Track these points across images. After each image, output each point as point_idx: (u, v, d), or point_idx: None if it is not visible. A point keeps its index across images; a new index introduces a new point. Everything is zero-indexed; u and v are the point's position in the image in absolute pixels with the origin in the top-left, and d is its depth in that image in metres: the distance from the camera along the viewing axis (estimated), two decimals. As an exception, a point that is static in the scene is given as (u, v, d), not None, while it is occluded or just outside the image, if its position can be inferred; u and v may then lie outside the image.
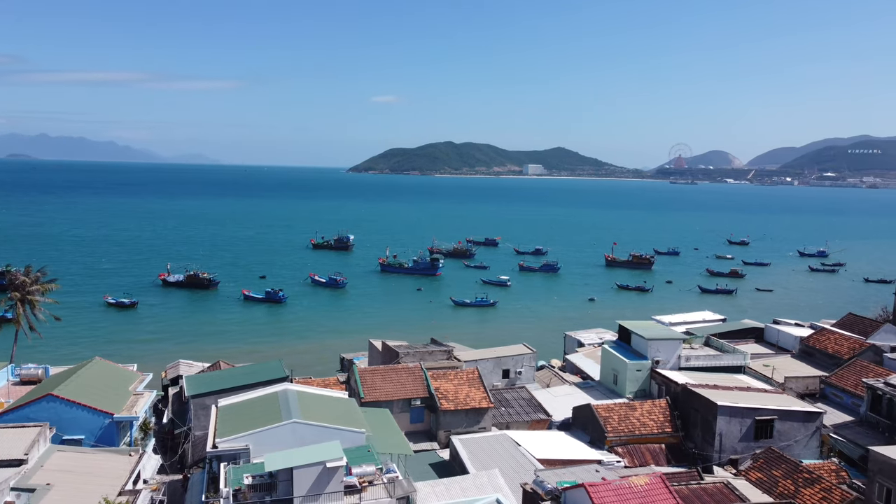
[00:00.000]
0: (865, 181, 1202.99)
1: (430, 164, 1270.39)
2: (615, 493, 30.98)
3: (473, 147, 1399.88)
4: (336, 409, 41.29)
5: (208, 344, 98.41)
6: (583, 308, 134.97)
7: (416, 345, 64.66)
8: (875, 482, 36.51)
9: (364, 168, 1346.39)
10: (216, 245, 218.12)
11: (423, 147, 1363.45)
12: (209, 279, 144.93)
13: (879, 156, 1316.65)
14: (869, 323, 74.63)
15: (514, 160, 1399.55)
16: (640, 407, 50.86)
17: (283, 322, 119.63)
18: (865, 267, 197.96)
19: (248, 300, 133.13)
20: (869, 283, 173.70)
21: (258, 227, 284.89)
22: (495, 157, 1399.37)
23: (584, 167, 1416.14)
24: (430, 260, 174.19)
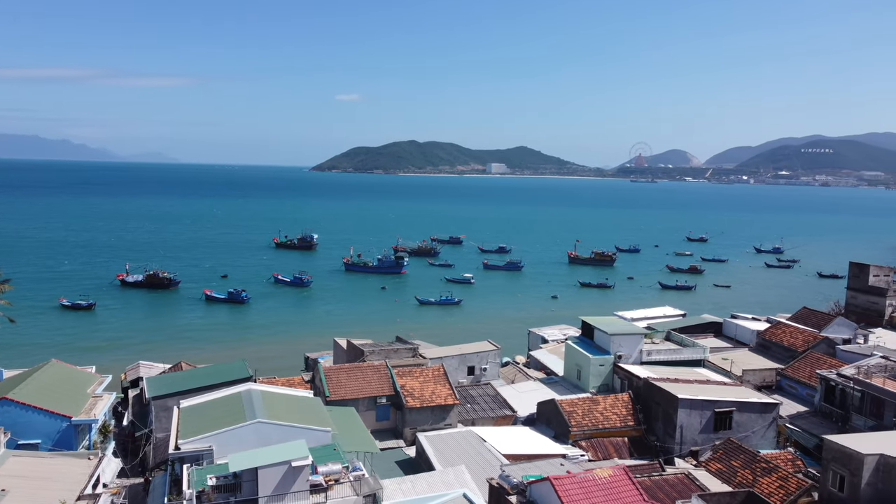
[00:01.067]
0: (818, 179, 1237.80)
1: (393, 163, 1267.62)
2: (579, 485, 31.39)
3: (437, 146, 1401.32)
4: (301, 409, 41.02)
5: (169, 345, 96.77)
6: (546, 305, 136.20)
7: (381, 343, 64.54)
8: (829, 470, 37.59)
9: (327, 167, 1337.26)
10: (176, 245, 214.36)
11: (386, 146, 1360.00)
12: (169, 279, 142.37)
13: (831, 155, 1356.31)
14: (822, 316, 76.91)
15: (478, 159, 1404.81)
16: (604, 401, 51.58)
17: (245, 322, 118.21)
18: (818, 262, 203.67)
19: (210, 300, 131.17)
20: (822, 277, 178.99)
21: (219, 226, 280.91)
22: (459, 156, 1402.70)
23: (546, 166, 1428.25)
24: (395, 259, 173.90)
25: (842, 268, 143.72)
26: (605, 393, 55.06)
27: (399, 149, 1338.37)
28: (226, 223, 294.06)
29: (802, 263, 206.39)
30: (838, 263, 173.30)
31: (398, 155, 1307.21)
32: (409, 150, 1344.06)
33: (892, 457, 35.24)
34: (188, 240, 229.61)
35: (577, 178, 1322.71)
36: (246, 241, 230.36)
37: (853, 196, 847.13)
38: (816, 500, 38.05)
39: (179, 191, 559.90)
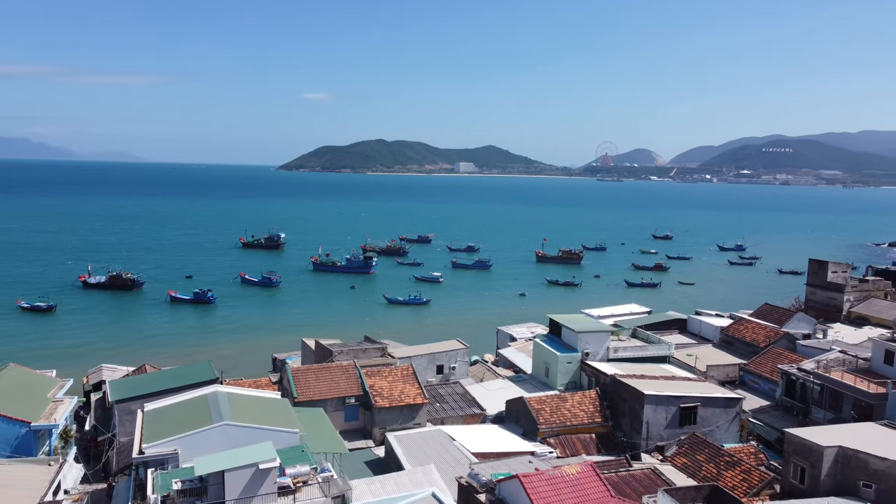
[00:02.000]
0: (778, 178, 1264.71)
1: (361, 162, 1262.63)
2: (548, 482, 31.61)
3: (405, 145, 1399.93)
4: (268, 410, 40.61)
5: (133, 347, 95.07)
6: (514, 303, 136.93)
7: (349, 343, 64.25)
8: (790, 462, 38.45)
9: (295, 166, 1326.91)
10: (140, 245, 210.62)
11: (354, 145, 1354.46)
12: (133, 280, 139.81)
13: (791, 154, 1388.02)
14: (783, 312, 78.54)
15: (446, 158, 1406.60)
16: (571, 398, 52.03)
17: (212, 323, 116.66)
18: (779, 259, 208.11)
19: (175, 301, 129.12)
20: (783, 274, 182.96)
21: (185, 226, 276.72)
22: (427, 154, 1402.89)
23: (514, 165, 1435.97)
24: (364, 258, 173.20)
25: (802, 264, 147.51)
26: (573, 390, 55.53)
27: (367, 148, 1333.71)
28: (191, 223, 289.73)
29: (764, 260, 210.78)
30: (798, 260, 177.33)
31: (366, 154, 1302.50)
32: (378, 149, 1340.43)
33: (851, 449, 36.19)
34: (152, 240, 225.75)
35: (544, 177, 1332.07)
36: (212, 241, 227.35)
37: (812, 194, 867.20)
38: (778, 492, 38.88)
39: (144, 190, 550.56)
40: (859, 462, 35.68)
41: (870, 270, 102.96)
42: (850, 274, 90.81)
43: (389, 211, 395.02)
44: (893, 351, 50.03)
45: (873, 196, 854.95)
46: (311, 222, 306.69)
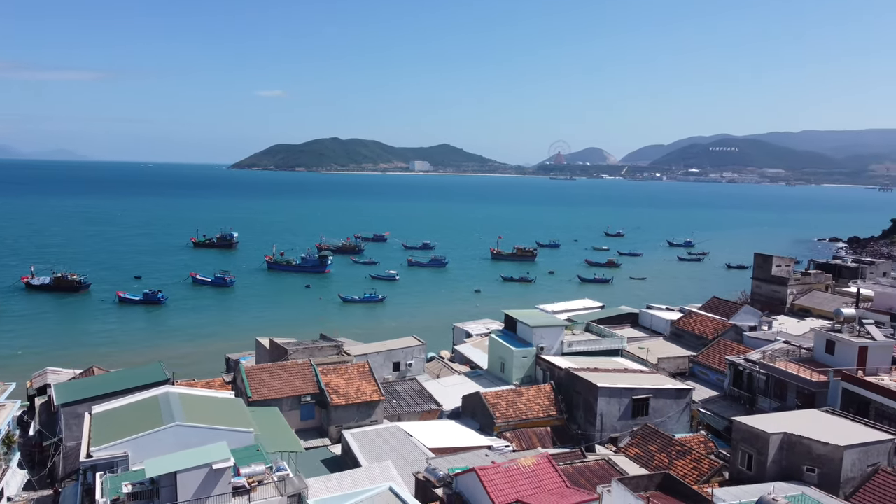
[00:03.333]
0: (725, 176, 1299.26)
1: (316, 161, 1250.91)
2: (504, 475, 31.96)
3: (360, 143, 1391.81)
4: (222, 410, 39.92)
5: (80, 350, 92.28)
6: (470, 300, 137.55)
7: (304, 341, 63.59)
8: (738, 450, 39.65)
9: (247, 164, 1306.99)
10: (87, 246, 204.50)
11: (308, 143, 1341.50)
12: (79, 281, 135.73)
13: (737, 153, 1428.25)
14: (731, 305, 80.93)
15: (401, 157, 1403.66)
16: (527, 392, 52.59)
17: (163, 324, 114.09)
18: (726, 255, 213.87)
19: (124, 302, 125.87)
20: (730, 269, 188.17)
21: (133, 225, 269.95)
22: (382, 153, 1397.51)
23: (469, 164, 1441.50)
24: (319, 257, 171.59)
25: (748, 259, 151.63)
26: (529, 384, 56.08)
27: (322, 146, 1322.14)
28: (140, 223, 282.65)
29: (712, 256, 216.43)
30: (745, 255, 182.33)
31: (321, 152, 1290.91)
32: (332, 147, 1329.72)
33: (795, 435, 37.52)
34: (100, 241, 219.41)
35: (498, 175, 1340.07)
36: (162, 241, 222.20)
37: (757, 192, 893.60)
38: (727, 479, 40.04)
39: (91, 189, 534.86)
40: (803, 448, 37.01)
41: (811, 264, 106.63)
42: (793, 268, 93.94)
43: (344, 209, 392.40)
44: (834, 341, 51.93)
45: (814, 193, 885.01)
46: (264, 221, 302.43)
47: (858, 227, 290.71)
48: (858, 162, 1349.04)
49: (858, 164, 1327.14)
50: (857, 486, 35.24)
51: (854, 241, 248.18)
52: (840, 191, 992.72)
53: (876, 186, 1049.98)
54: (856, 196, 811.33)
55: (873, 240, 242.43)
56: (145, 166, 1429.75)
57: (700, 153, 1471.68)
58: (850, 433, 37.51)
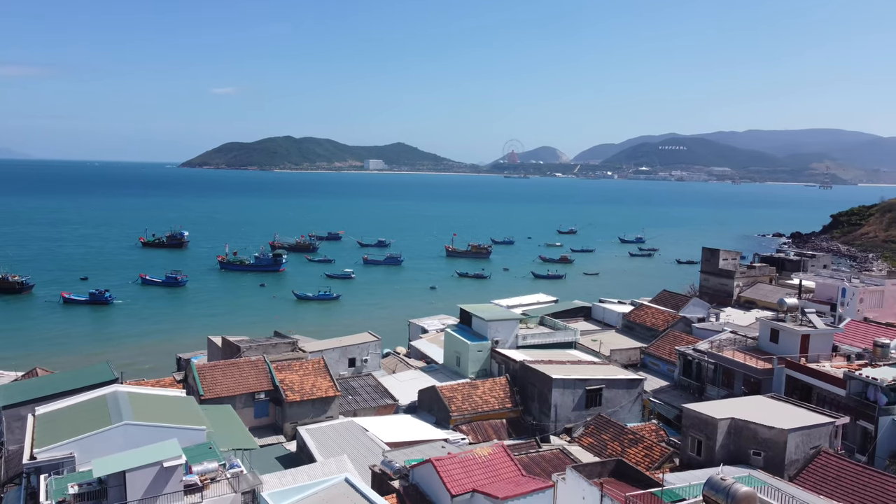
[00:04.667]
0: (674, 174, 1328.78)
1: (269, 159, 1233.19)
2: (460, 465, 32.08)
3: (314, 142, 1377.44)
4: (173, 408, 39.12)
5: (22, 352, 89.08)
6: (425, 296, 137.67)
7: (258, 339, 62.70)
8: (688, 436, 40.67)
9: (198, 163, 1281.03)
10: (30, 247, 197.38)
11: (261, 141, 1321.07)
12: (21, 283, 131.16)
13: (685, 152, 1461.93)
14: (680, 298, 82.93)
15: (355, 155, 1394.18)
16: (482, 385, 52.93)
17: (111, 325, 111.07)
18: (676, 250, 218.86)
19: (69, 303, 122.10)
20: (680, 264, 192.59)
21: (79, 225, 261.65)
22: (336, 151, 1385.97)
23: (423, 162, 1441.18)
24: (273, 256, 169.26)
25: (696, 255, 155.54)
26: (484, 377, 56.47)
27: (274, 144, 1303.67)
28: (86, 222, 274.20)
29: (662, 252, 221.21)
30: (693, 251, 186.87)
31: (273, 151, 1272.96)
32: (285, 145, 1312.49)
33: (742, 420, 38.67)
34: (44, 241, 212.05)
35: (453, 174, 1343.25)
36: (109, 241, 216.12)
37: (704, 190, 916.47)
38: (678, 464, 41.02)
39: (32, 188, 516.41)
40: (749, 432, 38.16)
41: (756, 258, 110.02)
42: (739, 261, 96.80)
43: (298, 208, 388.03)
44: (778, 330, 53.65)
45: (758, 191, 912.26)
46: (216, 220, 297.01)
47: (800, 223, 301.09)
48: (799, 161, 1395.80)
49: (799, 163, 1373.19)
50: (800, 468, 36.53)
51: (796, 236, 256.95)
52: (782, 188, 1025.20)
53: (816, 184, 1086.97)
54: (797, 193, 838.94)
55: (814, 235, 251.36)
56: (91, 165, 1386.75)
57: (650, 152, 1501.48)
58: (794, 417, 38.80)
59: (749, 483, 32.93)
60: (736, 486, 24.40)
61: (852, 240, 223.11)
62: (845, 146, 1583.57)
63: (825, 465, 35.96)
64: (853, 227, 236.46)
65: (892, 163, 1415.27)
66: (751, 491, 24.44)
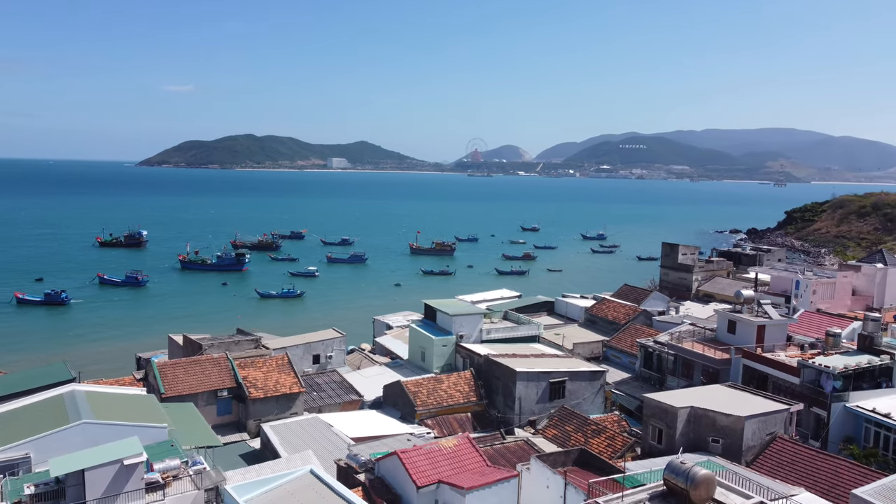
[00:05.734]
0: (634, 173, 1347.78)
1: (230, 158, 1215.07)
2: (426, 456, 32.26)
3: (276, 140, 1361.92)
4: (133, 406, 38.47)
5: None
6: (390, 293, 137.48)
7: (220, 336, 61.95)
8: (649, 425, 41.44)
9: (157, 161, 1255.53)
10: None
11: (221, 140, 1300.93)
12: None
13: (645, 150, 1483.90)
14: (641, 292, 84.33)
15: (318, 154, 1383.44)
16: (447, 380, 53.15)
17: (68, 325, 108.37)
18: (637, 247, 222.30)
19: (23, 303, 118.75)
20: (640, 259, 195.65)
21: (33, 225, 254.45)
22: (299, 150, 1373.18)
23: (387, 161, 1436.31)
24: (236, 255, 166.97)
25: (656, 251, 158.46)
26: (449, 372, 56.68)
27: (235, 143, 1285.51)
28: (40, 222, 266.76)
29: (623, 248, 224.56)
30: (654, 247, 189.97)
31: (234, 149, 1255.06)
32: (247, 144, 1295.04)
33: (701, 408, 39.54)
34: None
35: (417, 172, 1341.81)
36: (64, 241, 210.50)
37: (664, 187, 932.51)
38: (639, 453, 41.79)
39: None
40: (708, 420, 39.04)
41: (714, 253, 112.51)
42: (698, 256, 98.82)
43: (260, 207, 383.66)
44: (735, 321, 54.98)
45: (716, 189, 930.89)
46: (176, 219, 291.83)
47: (756, 220, 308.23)
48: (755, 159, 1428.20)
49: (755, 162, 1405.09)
50: (757, 453, 37.53)
51: (752, 231, 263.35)
52: (739, 186, 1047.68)
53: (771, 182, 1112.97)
54: (753, 191, 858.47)
55: (770, 230, 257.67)
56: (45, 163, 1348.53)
57: (611, 150, 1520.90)
58: (751, 405, 39.80)
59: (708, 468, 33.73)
60: (695, 468, 24.97)
61: (805, 235, 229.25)
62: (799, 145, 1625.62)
63: (780, 451, 36.99)
64: (806, 223, 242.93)
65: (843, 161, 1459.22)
66: (709, 473, 25.05)
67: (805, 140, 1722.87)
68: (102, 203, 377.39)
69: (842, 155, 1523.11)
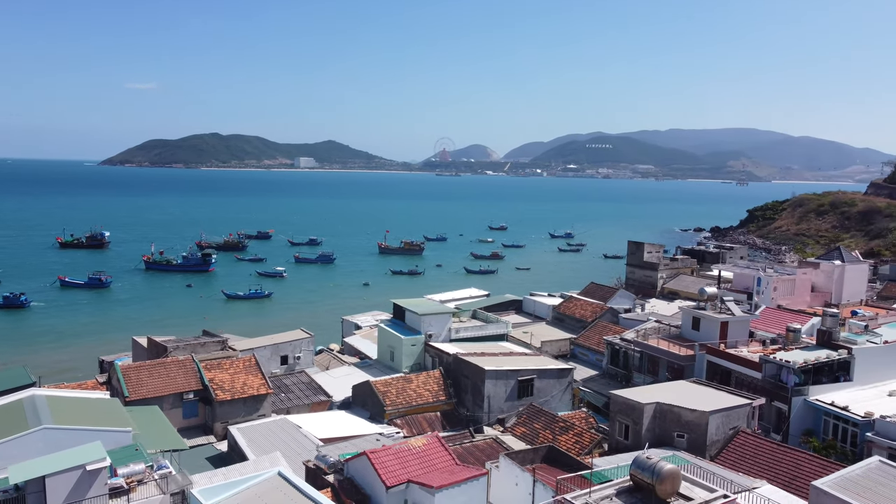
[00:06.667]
0: (601, 172, 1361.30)
1: (195, 157, 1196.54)
2: (395, 456, 32.24)
3: (242, 139, 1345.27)
4: (96, 411, 37.72)
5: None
6: (359, 293, 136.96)
7: (186, 338, 61.03)
8: (616, 421, 41.96)
9: (119, 161, 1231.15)
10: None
11: (186, 138, 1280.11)
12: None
13: (611, 150, 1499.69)
14: (607, 290, 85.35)
15: (285, 153, 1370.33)
16: (416, 379, 53.17)
17: (28, 329, 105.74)
18: (603, 245, 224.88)
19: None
20: (607, 258, 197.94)
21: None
22: (265, 149, 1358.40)
23: (355, 160, 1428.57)
24: (202, 255, 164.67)
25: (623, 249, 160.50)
26: (418, 371, 56.71)
27: (201, 141, 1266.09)
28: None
29: (590, 246, 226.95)
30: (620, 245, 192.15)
31: (200, 148, 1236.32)
32: (212, 143, 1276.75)
33: (666, 404, 40.16)
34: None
35: (385, 172, 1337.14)
36: (23, 242, 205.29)
37: (629, 186, 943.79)
38: (606, 449, 42.31)
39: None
40: (673, 415, 39.67)
41: (679, 251, 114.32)
42: (663, 254, 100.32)
43: (226, 206, 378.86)
44: (699, 318, 55.96)
45: (680, 188, 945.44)
46: (140, 219, 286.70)
47: (719, 218, 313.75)
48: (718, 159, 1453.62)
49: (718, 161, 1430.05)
50: (721, 447, 38.26)
51: (716, 230, 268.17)
52: (702, 185, 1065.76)
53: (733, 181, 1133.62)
54: (716, 190, 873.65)
55: (732, 229, 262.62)
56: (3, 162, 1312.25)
57: (578, 150, 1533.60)
58: (714, 400, 40.53)
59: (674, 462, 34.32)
60: (661, 463, 25.42)
61: (767, 233, 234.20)
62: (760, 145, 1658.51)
63: (743, 444, 37.76)
64: (767, 221, 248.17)
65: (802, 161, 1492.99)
66: (674, 468, 25.52)
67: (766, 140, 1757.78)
68: (63, 203, 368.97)
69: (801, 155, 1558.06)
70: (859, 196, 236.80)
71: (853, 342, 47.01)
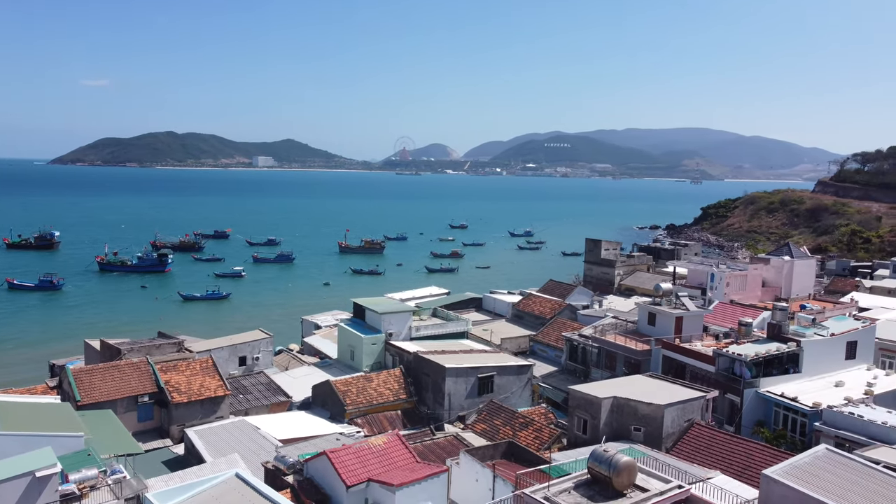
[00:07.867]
0: (559, 171, 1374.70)
1: (150, 156, 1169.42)
2: (355, 455, 32.13)
3: (198, 137, 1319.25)
4: (45, 416, 36.76)
5: None
6: (318, 293, 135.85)
7: (141, 340, 59.82)
8: (574, 416, 42.51)
9: (70, 159, 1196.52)
10: None
11: (141, 137, 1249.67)
12: None
13: (569, 149, 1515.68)
14: (566, 287, 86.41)
15: (243, 152, 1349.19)
16: (377, 378, 53.05)
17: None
18: (562, 243, 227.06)
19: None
20: (566, 256, 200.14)
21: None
22: (223, 148, 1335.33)
23: (314, 159, 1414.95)
24: (158, 255, 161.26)
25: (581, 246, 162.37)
26: (378, 370, 56.57)
27: (156, 140, 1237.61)
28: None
29: (548, 244, 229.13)
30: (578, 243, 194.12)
31: (154, 147, 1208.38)
32: (168, 141, 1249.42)
33: (623, 398, 40.87)
34: None
35: (345, 170, 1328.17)
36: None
37: (587, 185, 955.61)
38: (565, 444, 42.86)
39: None
40: (630, 409, 40.39)
41: (635, 248, 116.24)
42: (620, 251, 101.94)
43: (182, 206, 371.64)
44: (655, 313, 57.07)
45: (636, 186, 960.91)
46: (92, 219, 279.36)
47: (674, 216, 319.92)
48: (673, 157, 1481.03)
49: (673, 160, 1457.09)
50: (676, 440, 39.10)
51: (671, 227, 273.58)
52: (658, 184, 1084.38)
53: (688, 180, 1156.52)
54: (671, 188, 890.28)
55: (687, 226, 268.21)
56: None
57: (536, 149, 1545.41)
58: (670, 393, 41.41)
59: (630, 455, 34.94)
60: (617, 456, 25.86)
61: (720, 230, 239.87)
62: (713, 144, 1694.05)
63: (698, 436, 38.65)
64: (720, 219, 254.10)
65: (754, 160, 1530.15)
66: (631, 460, 25.99)
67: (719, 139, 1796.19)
68: (10, 203, 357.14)
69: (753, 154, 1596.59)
70: (807, 194, 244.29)
71: (802, 335, 48.45)
